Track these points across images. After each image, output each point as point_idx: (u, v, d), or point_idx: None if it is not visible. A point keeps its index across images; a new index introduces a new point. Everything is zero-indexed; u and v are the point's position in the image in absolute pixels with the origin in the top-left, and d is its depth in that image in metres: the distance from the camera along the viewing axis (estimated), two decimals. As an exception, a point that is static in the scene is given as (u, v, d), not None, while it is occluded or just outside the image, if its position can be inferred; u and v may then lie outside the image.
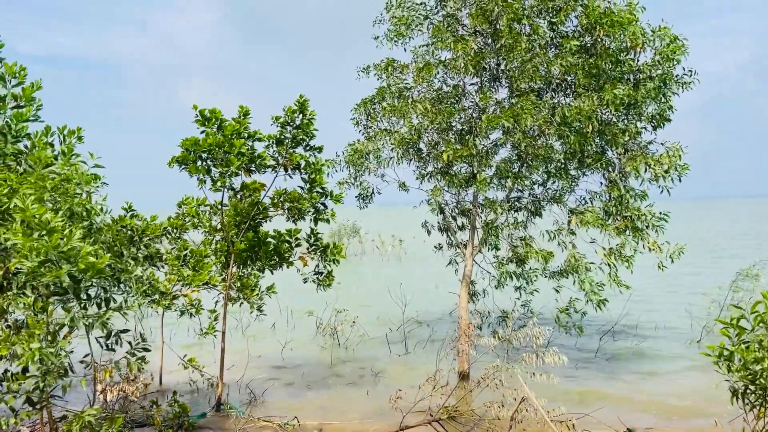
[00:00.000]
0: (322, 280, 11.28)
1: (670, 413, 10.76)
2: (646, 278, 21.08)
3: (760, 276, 17.77)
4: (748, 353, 6.05)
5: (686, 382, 12.67)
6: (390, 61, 13.01)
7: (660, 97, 11.28)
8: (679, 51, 11.02)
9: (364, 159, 12.83)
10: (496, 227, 12.72)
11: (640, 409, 11.00)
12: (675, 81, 11.31)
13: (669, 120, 11.69)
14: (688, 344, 15.71)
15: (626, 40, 11.01)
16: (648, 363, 14.29)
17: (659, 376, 13.24)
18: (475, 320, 11.29)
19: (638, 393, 12.08)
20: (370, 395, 11.90)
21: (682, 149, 11.32)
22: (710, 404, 10.53)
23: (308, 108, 10.22)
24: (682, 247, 11.54)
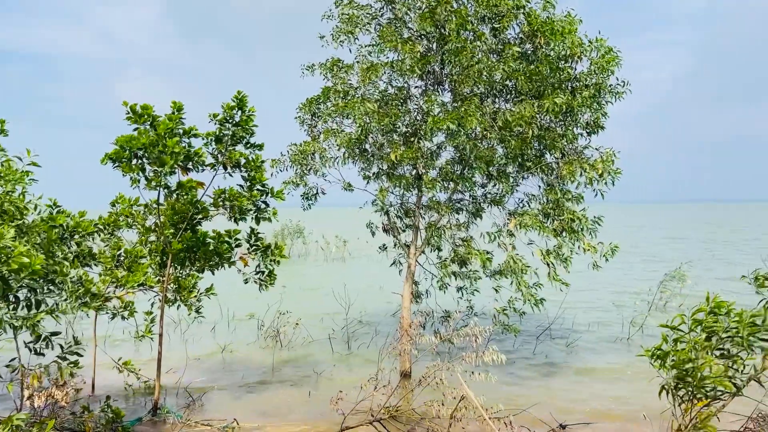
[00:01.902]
0: (264, 280, 11.14)
1: (602, 408, 11.17)
2: (581, 279, 21.84)
3: (686, 277, 18.72)
4: (682, 353, 6.34)
5: (617, 379, 13.19)
6: (335, 61, 12.99)
7: (595, 105, 11.72)
8: (613, 62, 11.48)
9: (308, 159, 12.76)
10: (439, 228, 12.90)
11: (573, 404, 11.38)
12: (609, 90, 11.79)
13: (602, 127, 12.16)
14: (619, 342, 16.36)
15: (565, 49, 11.38)
16: (581, 360, 14.80)
17: (592, 373, 13.73)
18: (418, 320, 11.40)
19: (572, 389, 12.49)
20: (312, 396, 11.84)
21: (615, 154, 11.79)
22: (640, 399, 10.99)
23: (247, 104, 10.08)
24: (615, 246, 12.00)
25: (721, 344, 6.46)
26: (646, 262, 35.63)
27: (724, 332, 6.32)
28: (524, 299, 12.26)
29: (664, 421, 6.97)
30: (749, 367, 6.34)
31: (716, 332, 6.40)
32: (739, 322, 6.24)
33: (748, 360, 6.47)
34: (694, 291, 18.76)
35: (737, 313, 6.36)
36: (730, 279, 26.38)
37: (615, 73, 11.63)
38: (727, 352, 6.50)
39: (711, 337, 6.48)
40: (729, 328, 6.29)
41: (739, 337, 6.18)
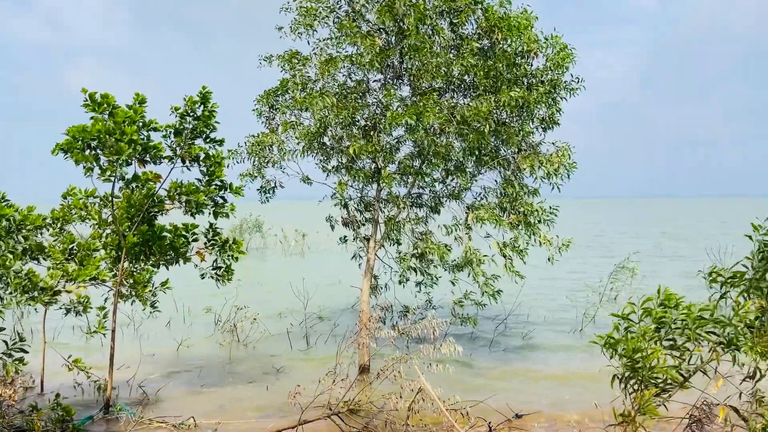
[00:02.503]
0: (221, 275, 10.98)
1: (556, 398, 11.44)
2: (538, 272, 22.27)
3: (636, 268, 19.31)
4: (633, 342, 6.51)
5: (571, 368, 13.53)
6: (294, 53, 12.86)
7: (550, 101, 11.93)
8: (567, 59, 11.71)
9: (266, 151, 12.63)
10: (398, 222, 12.97)
11: (528, 395, 11.63)
12: (564, 87, 12.02)
13: (557, 123, 12.39)
14: (573, 333, 16.77)
15: (522, 45, 11.54)
16: (536, 351, 15.13)
17: (547, 363, 14.05)
18: (377, 314, 11.45)
19: (528, 380, 12.76)
20: (270, 392, 11.76)
21: (570, 149, 12.05)
22: (592, 389, 11.29)
23: (210, 100, 9.90)
24: (569, 240, 12.27)
25: (670, 335, 6.68)
26: (601, 255, 36.57)
27: (673, 323, 6.54)
28: (482, 291, 12.48)
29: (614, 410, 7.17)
30: (696, 358, 6.58)
31: (666, 323, 6.62)
32: (687, 315, 6.46)
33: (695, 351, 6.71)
34: (643, 284, 19.34)
35: (686, 306, 6.59)
36: (679, 272, 27.33)
37: (569, 69, 11.87)
38: (675, 343, 6.73)
39: (660, 329, 6.70)
40: (678, 319, 6.50)
41: (687, 329, 6.40)
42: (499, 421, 9.85)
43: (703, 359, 6.41)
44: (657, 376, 6.40)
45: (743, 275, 6.45)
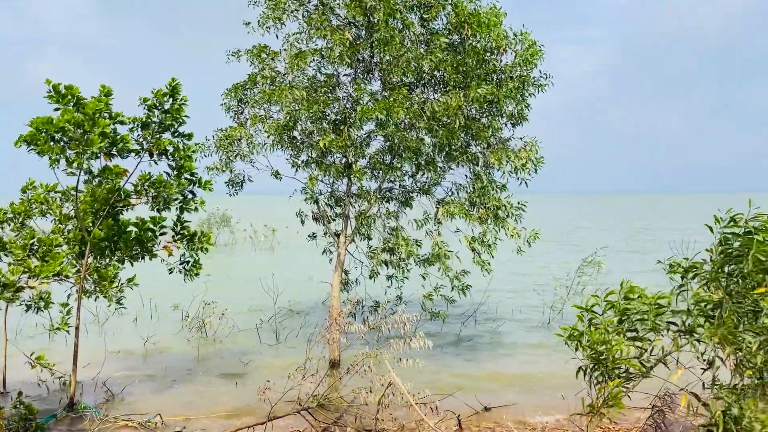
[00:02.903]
0: (189, 269, 10.83)
1: (524, 390, 11.62)
2: (507, 267, 22.55)
3: (602, 263, 19.67)
4: (596, 335, 6.64)
5: (538, 361, 13.74)
6: (262, 47, 12.73)
7: (519, 97, 12.05)
8: (536, 55, 11.84)
9: (235, 144, 12.49)
10: (369, 217, 12.98)
11: (497, 387, 11.79)
12: (532, 83, 12.15)
13: (526, 119, 12.52)
14: (540, 326, 17.03)
15: (491, 41, 11.63)
16: (505, 345, 15.32)
17: (515, 357, 14.24)
18: (347, 309, 11.45)
19: (496, 373, 12.92)
20: (239, 388, 11.67)
21: (537, 144, 12.20)
22: (558, 380, 11.49)
23: (180, 92, 9.74)
24: (537, 232, 12.43)
25: (633, 327, 6.84)
26: (570, 250, 37.15)
27: (635, 315, 6.68)
28: (451, 286, 12.59)
29: (578, 401, 7.32)
30: (658, 348, 6.74)
31: (628, 315, 6.76)
32: (649, 305, 6.62)
33: (656, 342, 6.87)
34: (608, 277, 19.72)
35: (647, 297, 6.74)
36: (646, 266, 27.93)
37: (538, 65, 12.00)
38: (637, 334, 6.89)
39: (623, 320, 6.84)
40: (640, 311, 6.65)
41: (647, 320, 6.55)
42: (468, 414, 9.96)
43: (664, 350, 6.57)
44: (620, 367, 6.54)
45: (702, 266, 6.63)
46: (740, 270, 6.18)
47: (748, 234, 6.30)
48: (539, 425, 9.46)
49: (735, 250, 6.36)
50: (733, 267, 6.34)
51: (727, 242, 6.46)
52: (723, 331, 5.94)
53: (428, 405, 8.98)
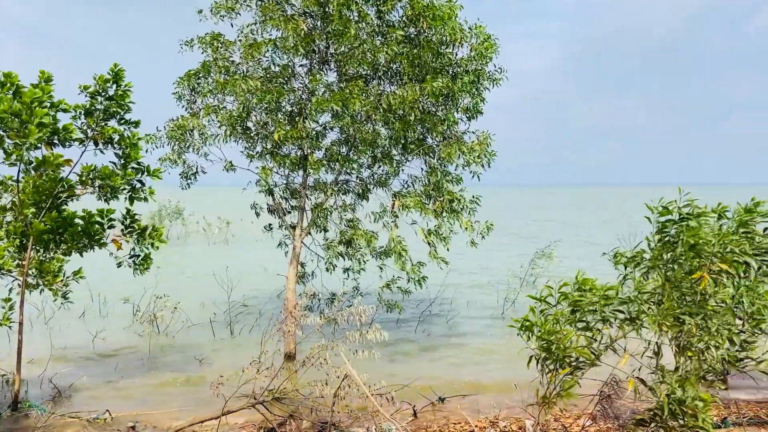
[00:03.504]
0: (139, 264, 10.54)
1: (478, 380, 11.79)
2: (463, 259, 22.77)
3: (554, 255, 20.13)
4: (547, 325, 6.78)
5: (492, 351, 13.96)
6: (215, 36, 12.47)
7: (474, 91, 12.16)
8: (491, 49, 11.95)
9: (187, 135, 12.20)
10: (325, 209, 12.90)
11: (452, 378, 11.92)
12: (487, 77, 12.27)
13: (481, 112, 12.64)
14: (494, 317, 17.30)
15: (446, 35, 11.67)
16: (460, 335, 15.52)
17: (470, 347, 14.43)
18: (303, 301, 11.38)
19: (451, 363, 13.07)
20: (192, 383, 11.47)
21: (490, 138, 12.34)
22: (512, 370, 11.68)
23: (123, 78, 9.43)
24: (490, 224, 12.60)
25: (584, 317, 7.01)
26: (522, 241, 37.81)
27: (587, 306, 6.86)
28: (408, 277, 12.66)
29: (532, 390, 7.48)
30: (606, 336, 6.94)
31: (580, 306, 6.93)
32: (599, 297, 6.80)
33: (605, 330, 7.07)
34: (561, 268, 20.22)
35: (598, 288, 6.92)
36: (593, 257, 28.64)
37: (493, 60, 12.12)
38: (588, 324, 7.07)
39: (576, 311, 7.01)
40: (591, 302, 6.83)
41: (596, 311, 6.73)
42: (424, 405, 10.04)
43: (611, 337, 6.77)
44: (570, 356, 6.70)
45: (643, 255, 6.86)
46: (676, 256, 6.42)
47: (683, 221, 6.54)
48: (493, 414, 9.61)
49: (671, 237, 6.59)
50: (670, 254, 6.57)
51: (665, 230, 6.69)
52: (664, 316, 6.15)
53: (384, 396, 9.01)
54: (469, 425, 9.03)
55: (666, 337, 6.46)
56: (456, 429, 9.02)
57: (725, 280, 6.09)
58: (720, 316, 5.98)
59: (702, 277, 6.12)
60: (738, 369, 6.50)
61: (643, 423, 6.94)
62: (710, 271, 6.10)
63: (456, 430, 8.99)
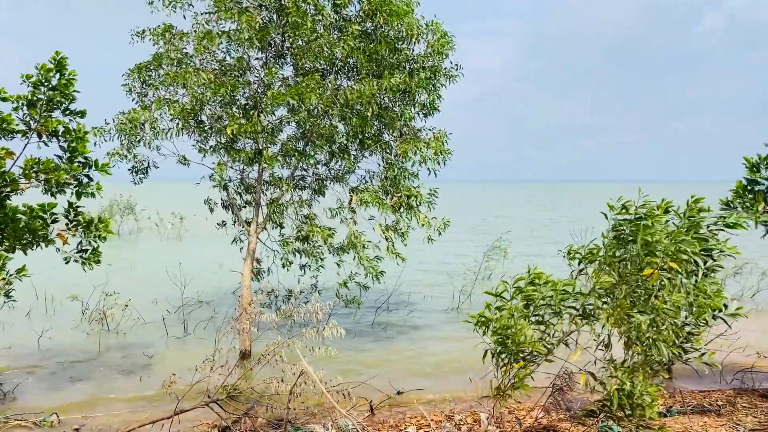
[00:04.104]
0: (88, 258, 10.18)
1: (435, 374, 11.90)
2: (421, 254, 22.93)
3: (507, 250, 20.46)
4: (502, 319, 6.87)
5: (449, 345, 14.10)
6: (167, 27, 12.15)
7: (430, 87, 12.21)
8: (447, 46, 12.02)
9: (138, 129, 11.86)
10: (281, 205, 12.76)
11: (409, 372, 11.99)
12: (444, 73, 12.34)
13: (437, 109, 12.71)
14: (450, 311, 17.48)
15: (403, 30, 11.68)
16: (417, 330, 15.60)
17: (426, 342, 14.54)
18: (259, 298, 11.25)
19: (409, 358, 13.14)
20: (143, 382, 11.19)
21: (447, 135, 12.42)
22: (467, 364, 11.84)
23: (67, 67, 9.08)
24: (447, 221, 12.71)
25: (538, 311, 7.14)
26: (479, 237, 38.29)
27: (540, 300, 6.98)
28: (365, 272, 12.64)
29: (487, 383, 7.57)
30: (559, 331, 7.08)
31: (534, 301, 7.05)
32: (554, 291, 6.93)
33: (558, 325, 7.22)
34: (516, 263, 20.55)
35: (552, 283, 7.05)
36: (551, 252, 29.26)
37: (449, 56, 12.19)
38: (542, 318, 7.21)
39: (529, 305, 7.13)
40: (545, 296, 6.95)
41: (551, 306, 6.86)
42: (381, 400, 10.07)
43: (564, 332, 6.91)
44: (524, 350, 6.81)
45: (598, 252, 7.02)
46: (630, 253, 6.60)
47: (638, 219, 6.73)
48: (449, 407, 9.71)
49: (626, 235, 6.77)
50: (624, 251, 6.76)
51: (619, 228, 6.87)
52: (617, 312, 6.32)
53: (341, 392, 9.00)
54: (425, 419, 9.10)
55: (617, 331, 6.64)
56: (412, 423, 9.08)
57: (674, 278, 6.29)
58: (668, 312, 6.17)
59: (653, 273, 6.30)
60: (683, 361, 6.73)
61: (593, 414, 7.13)
62: (661, 269, 6.29)
63: (412, 423, 9.04)
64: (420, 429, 8.82)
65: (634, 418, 6.43)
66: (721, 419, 8.60)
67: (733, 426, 8.22)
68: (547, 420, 8.50)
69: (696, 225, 6.68)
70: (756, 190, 8.71)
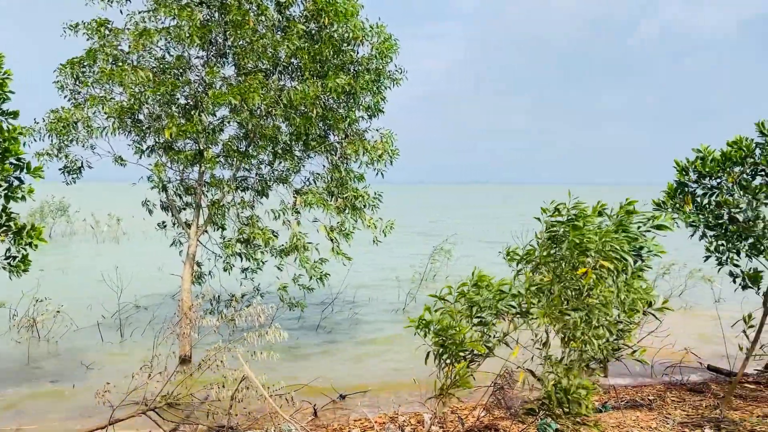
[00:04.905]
0: (15, 266, 9.70)
1: (379, 376, 11.91)
2: (368, 256, 22.93)
3: (452, 251, 20.75)
4: (444, 321, 6.95)
5: (394, 347, 14.16)
6: (102, 21, 11.72)
7: (375, 89, 12.24)
8: (391, 49, 12.08)
9: (70, 128, 11.39)
10: (223, 206, 12.52)
11: (354, 374, 11.98)
12: (388, 76, 12.40)
13: (382, 111, 12.75)
14: (396, 313, 17.57)
15: (348, 32, 11.67)
16: (362, 332, 15.60)
17: (371, 344, 14.56)
18: (199, 302, 10.99)
19: (353, 360, 13.13)
20: (77, 391, 10.74)
21: (393, 136, 12.48)
22: (411, 365, 11.92)
23: (2, 65, 8.63)
24: (392, 222, 12.76)
25: (480, 313, 7.26)
26: (425, 238, 38.64)
27: (483, 303, 7.11)
28: (309, 275, 12.54)
29: (430, 384, 7.63)
30: (499, 331, 7.23)
31: (476, 303, 7.17)
32: (494, 293, 7.07)
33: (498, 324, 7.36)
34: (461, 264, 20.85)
35: (494, 284, 7.20)
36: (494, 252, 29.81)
37: (393, 59, 12.26)
38: (483, 320, 7.34)
39: (472, 307, 7.24)
40: (486, 298, 7.08)
41: (490, 308, 7.00)
42: (325, 403, 10.01)
43: (504, 331, 7.06)
44: (465, 350, 6.92)
45: (534, 252, 7.21)
46: (563, 253, 6.81)
47: (570, 221, 6.96)
48: (393, 409, 9.75)
49: (559, 236, 6.99)
50: (557, 251, 6.97)
51: (552, 229, 7.08)
52: (551, 311, 6.50)
53: (284, 397, 8.90)
54: (369, 421, 9.11)
55: (553, 329, 6.83)
56: (356, 426, 9.07)
57: (606, 276, 6.52)
58: (600, 310, 6.40)
59: (586, 272, 6.51)
60: (615, 357, 6.98)
61: (533, 412, 7.31)
62: (593, 267, 6.51)
63: (356, 426, 9.03)
64: (364, 431, 8.82)
65: (571, 415, 6.63)
66: (653, 413, 8.97)
67: (663, 419, 8.59)
68: (488, 418, 8.65)
69: (625, 225, 6.95)
70: (685, 192, 9.12)
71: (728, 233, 8.92)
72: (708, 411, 8.88)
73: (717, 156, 8.78)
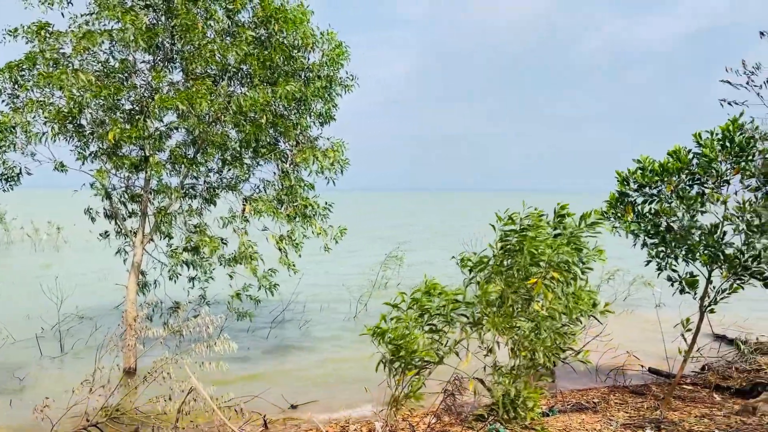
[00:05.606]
0: (-54, 276, 9.23)
1: (330, 385, 11.83)
2: (319, 265, 22.79)
3: (403, 258, 20.86)
4: (397, 330, 6.98)
5: (345, 355, 14.10)
6: (43, 25, 11.30)
7: (326, 96, 12.21)
8: (342, 56, 12.09)
9: (8, 133, 10.92)
10: (170, 214, 12.23)
11: (305, 384, 11.85)
12: (339, 83, 12.39)
13: (334, 118, 12.72)
14: (347, 321, 17.51)
15: (298, 38, 11.61)
16: (313, 341, 15.48)
17: (322, 353, 14.45)
18: (145, 312, 10.67)
19: (304, 370, 12.99)
20: (13, 407, 10.26)
21: (344, 145, 12.46)
22: (363, 374, 11.88)
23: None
24: (343, 229, 12.72)
25: (431, 320, 7.32)
26: (377, 245, 38.68)
27: (434, 310, 7.17)
28: (259, 285, 12.38)
29: (382, 393, 7.64)
30: (450, 339, 7.30)
31: (428, 310, 7.22)
32: (446, 301, 7.14)
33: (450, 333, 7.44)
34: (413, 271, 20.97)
35: (445, 293, 7.26)
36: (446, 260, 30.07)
37: (345, 66, 12.26)
38: (435, 327, 7.40)
39: (424, 315, 7.29)
40: (438, 306, 7.15)
41: (443, 314, 7.07)
42: (275, 414, 9.87)
43: (455, 340, 7.13)
44: (416, 358, 6.96)
45: (488, 261, 7.32)
46: (516, 263, 6.94)
47: (523, 231, 7.09)
48: (344, 419, 9.69)
49: (512, 245, 7.11)
50: (510, 261, 7.09)
51: (506, 239, 7.20)
52: (501, 321, 6.61)
53: (233, 408, 8.73)
54: (319, 431, 9.03)
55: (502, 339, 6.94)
56: (307, 436, 8.97)
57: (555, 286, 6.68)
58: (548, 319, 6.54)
59: (536, 282, 6.65)
60: (562, 360, 7.14)
61: (482, 418, 7.39)
62: (544, 277, 6.65)
63: (307, 437, 8.94)
64: (315, 441, 8.74)
65: (519, 420, 6.74)
66: (597, 415, 9.21)
67: (607, 421, 8.83)
68: (439, 425, 8.70)
69: (575, 237, 7.13)
70: (626, 202, 9.42)
71: (666, 240, 9.27)
72: (649, 412, 9.18)
73: (656, 167, 9.12)
